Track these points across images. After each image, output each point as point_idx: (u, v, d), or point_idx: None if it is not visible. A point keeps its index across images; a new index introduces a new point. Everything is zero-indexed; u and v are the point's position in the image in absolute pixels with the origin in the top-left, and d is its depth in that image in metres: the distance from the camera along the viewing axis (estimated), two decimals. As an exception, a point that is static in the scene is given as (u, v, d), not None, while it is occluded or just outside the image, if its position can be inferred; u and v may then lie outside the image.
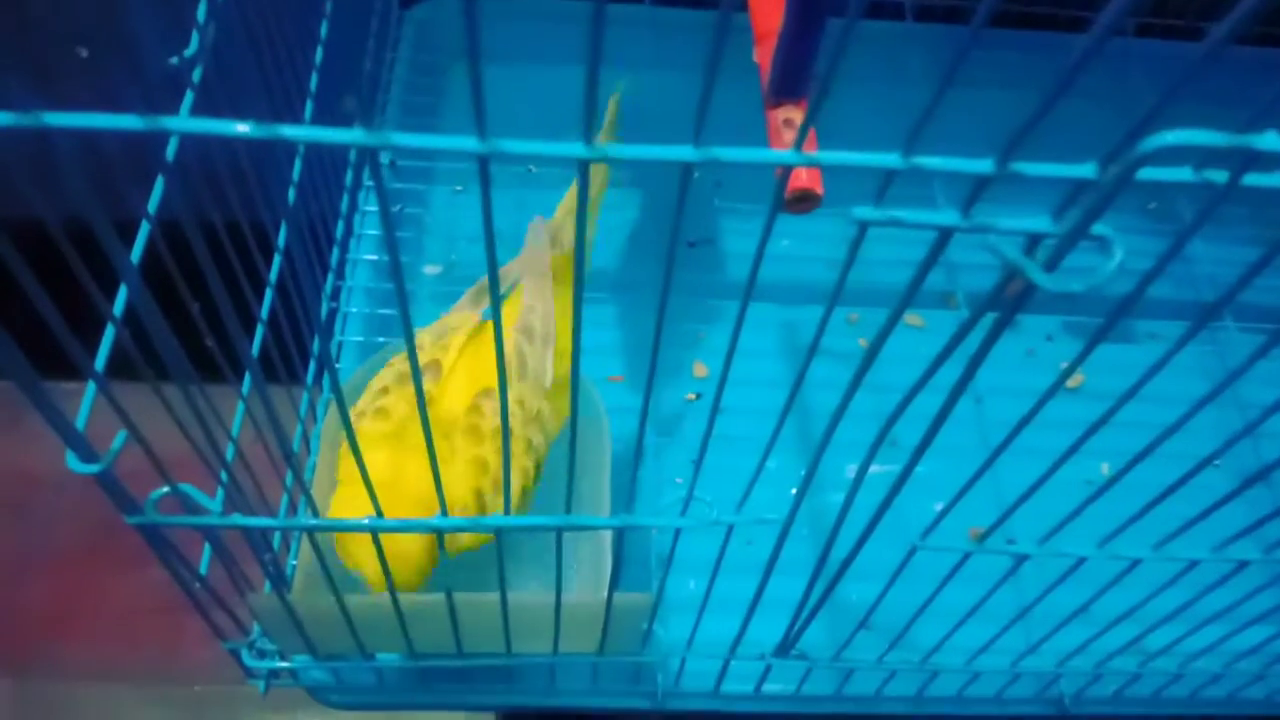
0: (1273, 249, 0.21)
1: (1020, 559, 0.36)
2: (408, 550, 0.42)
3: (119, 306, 0.29)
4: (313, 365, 0.56)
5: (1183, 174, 0.20)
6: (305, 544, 0.51)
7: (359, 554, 0.42)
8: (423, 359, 0.48)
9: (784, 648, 0.44)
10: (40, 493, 1.19)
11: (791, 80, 0.45)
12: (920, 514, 0.33)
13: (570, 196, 0.57)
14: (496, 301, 0.24)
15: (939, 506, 0.32)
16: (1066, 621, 0.41)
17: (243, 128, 0.17)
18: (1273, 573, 0.40)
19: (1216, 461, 0.29)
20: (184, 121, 0.18)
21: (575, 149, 0.19)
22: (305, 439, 0.55)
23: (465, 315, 0.51)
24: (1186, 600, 0.39)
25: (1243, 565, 0.35)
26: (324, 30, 0.58)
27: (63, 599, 1.15)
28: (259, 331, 0.46)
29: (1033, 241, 0.20)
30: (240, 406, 0.42)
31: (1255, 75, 0.69)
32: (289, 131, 0.18)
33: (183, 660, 1.11)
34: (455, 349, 0.48)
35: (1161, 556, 0.35)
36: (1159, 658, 0.45)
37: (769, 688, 0.49)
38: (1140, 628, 0.42)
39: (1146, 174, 0.19)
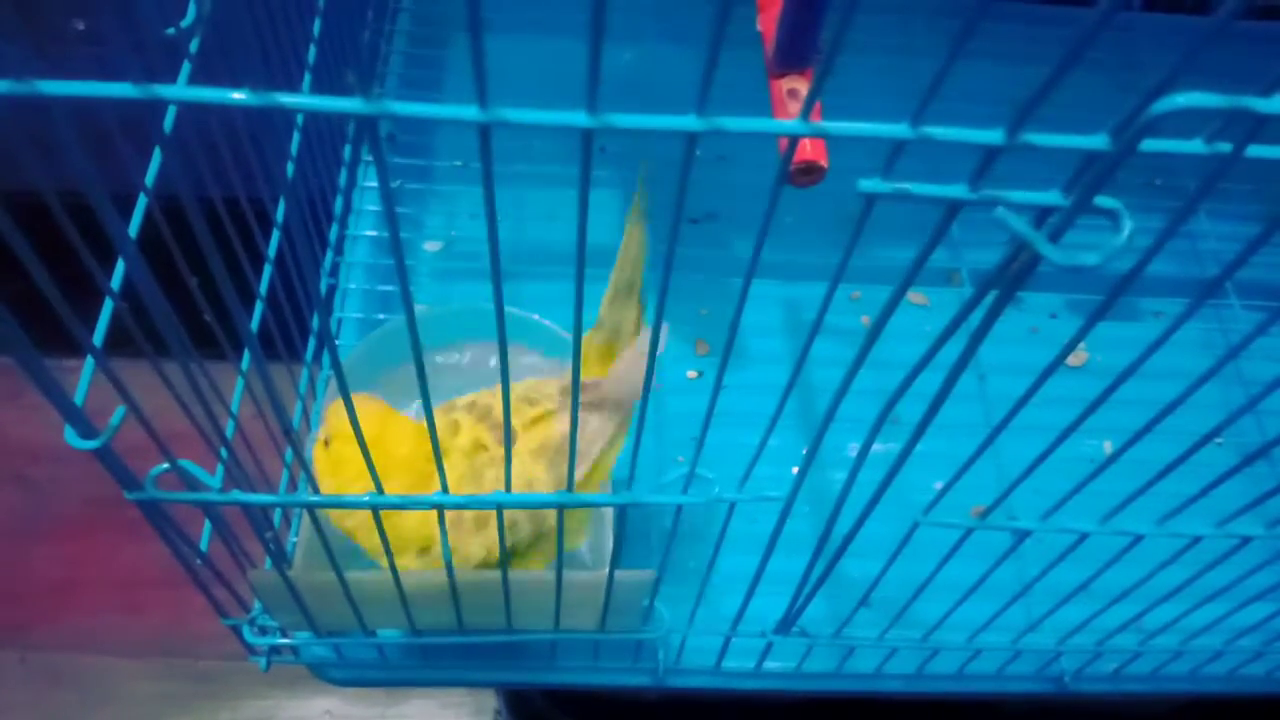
0: (1272, 224, 0.21)
1: (1022, 535, 0.36)
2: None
3: (117, 280, 0.29)
4: (312, 342, 0.55)
5: (1192, 145, 0.19)
6: (306, 520, 0.51)
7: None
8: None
9: (785, 625, 0.44)
10: (42, 465, 1.20)
11: (796, 49, 0.45)
12: (922, 492, 0.33)
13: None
14: (498, 278, 0.24)
15: (940, 485, 0.32)
16: (1068, 598, 0.41)
17: (238, 95, 0.17)
18: (1274, 549, 0.40)
19: (1219, 438, 0.29)
20: (179, 90, 0.18)
21: (578, 118, 0.18)
22: (305, 416, 0.55)
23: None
24: (1188, 577, 0.39)
25: (1245, 541, 0.35)
26: (322, 0, 0.57)
27: (66, 571, 1.15)
28: (258, 307, 0.45)
29: (1042, 215, 0.19)
30: (240, 382, 0.42)
31: (1264, 50, 0.68)
32: (285, 99, 0.17)
33: (185, 634, 1.12)
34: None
35: (1164, 532, 0.35)
36: (1159, 635, 0.45)
37: (770, 665, 0.49)
38: (1141, 605, 0.42)
39: (1154, 144, 0.19)
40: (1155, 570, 0.38)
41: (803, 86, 0.46)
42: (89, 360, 0.27)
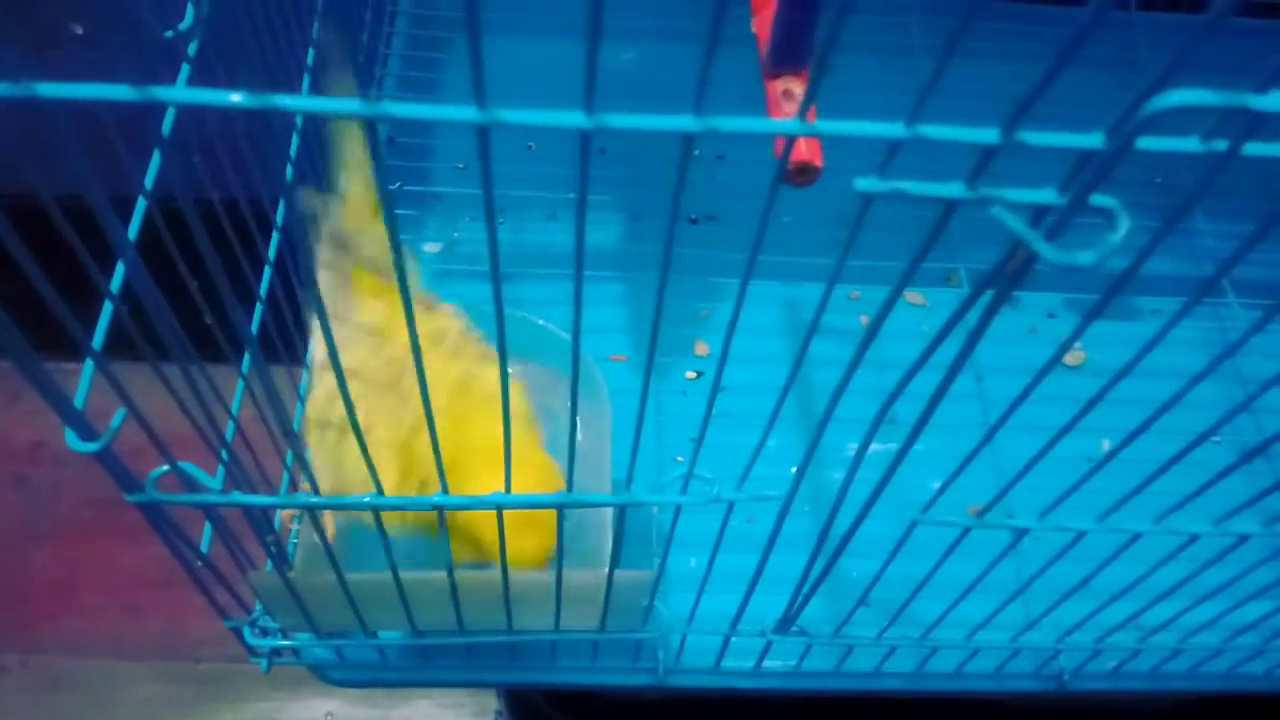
0: (1268, 222, 0.21)
1: (1020, 533, 0.36)
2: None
3: (116, 283, 0.29)
4: (312, 344, 0.55)
5: (1188, 144, 0.19)
6: (307, 522, 0.51)
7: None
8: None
9: (784, 624, 0.44)
10: (43, 468, 1.20)
11: (791, 50, 0.45)
12: (920, 491, 0.33)
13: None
14: (497, 278, 0.24)
15: (938, 484, 0.32)
16: (1066, 597, 0.41)
17: (236, 97, 0.17)
18: (1272, 547, 0.40)
19: (1216, 436, 0.29)
20: (176, 92, 0.18)
21: (576, 119, 0.18)
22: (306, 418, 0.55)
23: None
24: (1186, 575, 0.39)
25: (1243, 539, 0.35)
26: (320, 3, 0.57)
27: (67, 573, 1.15)
28: (258, 309, 0.45)
29: (1038, 213, 0.19)
30: (240, 384, 0.42)
31: (1260, 46, 0.68)
32: (282, 101, 0.17)
33: (186, 636, 1.12)
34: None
35: (1161, 530, 0.35)
36: (1159, 633, 0.45)
37: (769, 664, 0.49)
38: (1140, 603, 0.42)
39: (1150, 143, 0.19)
40: (1154, 568, 0.38)
41: (798, 87, 0.46)
42: (88, 363, 0.27)
